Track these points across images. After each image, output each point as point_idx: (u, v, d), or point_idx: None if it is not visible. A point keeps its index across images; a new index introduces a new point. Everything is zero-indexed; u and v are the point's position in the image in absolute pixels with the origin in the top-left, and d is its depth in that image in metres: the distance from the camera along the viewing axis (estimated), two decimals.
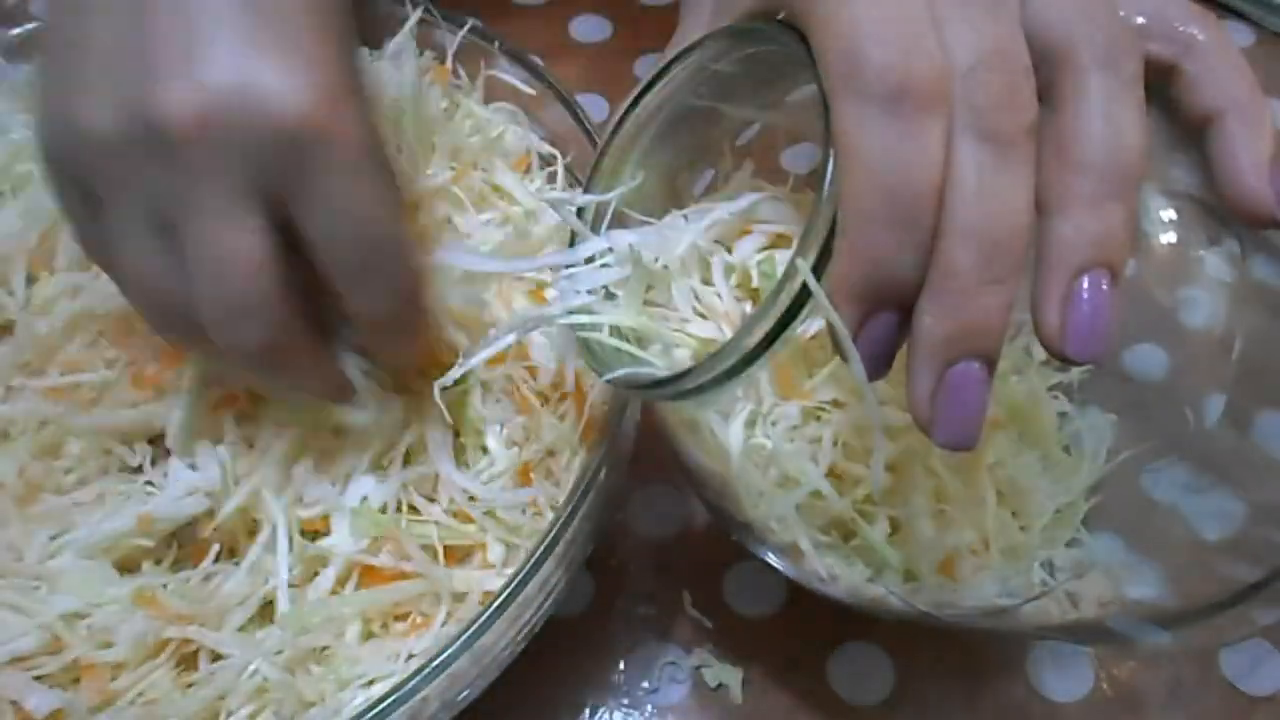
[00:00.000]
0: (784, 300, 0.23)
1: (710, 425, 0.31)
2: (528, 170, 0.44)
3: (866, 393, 0.24)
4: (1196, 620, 0.28)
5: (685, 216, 0.30)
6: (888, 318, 0.22)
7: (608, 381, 0.28)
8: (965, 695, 0.39)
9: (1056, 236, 0.22)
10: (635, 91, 0.29)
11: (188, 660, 0.34)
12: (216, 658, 0.33)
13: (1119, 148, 0.22)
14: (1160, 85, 0.27)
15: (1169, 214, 0.30)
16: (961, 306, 0.21)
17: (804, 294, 0.22)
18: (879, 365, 0.23)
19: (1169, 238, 0.30)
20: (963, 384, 0.22)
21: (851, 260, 0.22)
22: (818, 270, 0.22)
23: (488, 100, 0.45)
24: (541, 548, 0.30)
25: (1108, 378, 0.33)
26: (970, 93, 0.21)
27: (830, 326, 0.23)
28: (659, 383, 0.26)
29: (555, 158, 0.43)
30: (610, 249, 0.29)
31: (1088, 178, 0.22)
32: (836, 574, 0.31)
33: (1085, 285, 0.22)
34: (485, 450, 0.37)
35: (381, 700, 0.27)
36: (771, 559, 0.33)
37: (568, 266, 0.30)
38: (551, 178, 0.44)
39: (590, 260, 0.30)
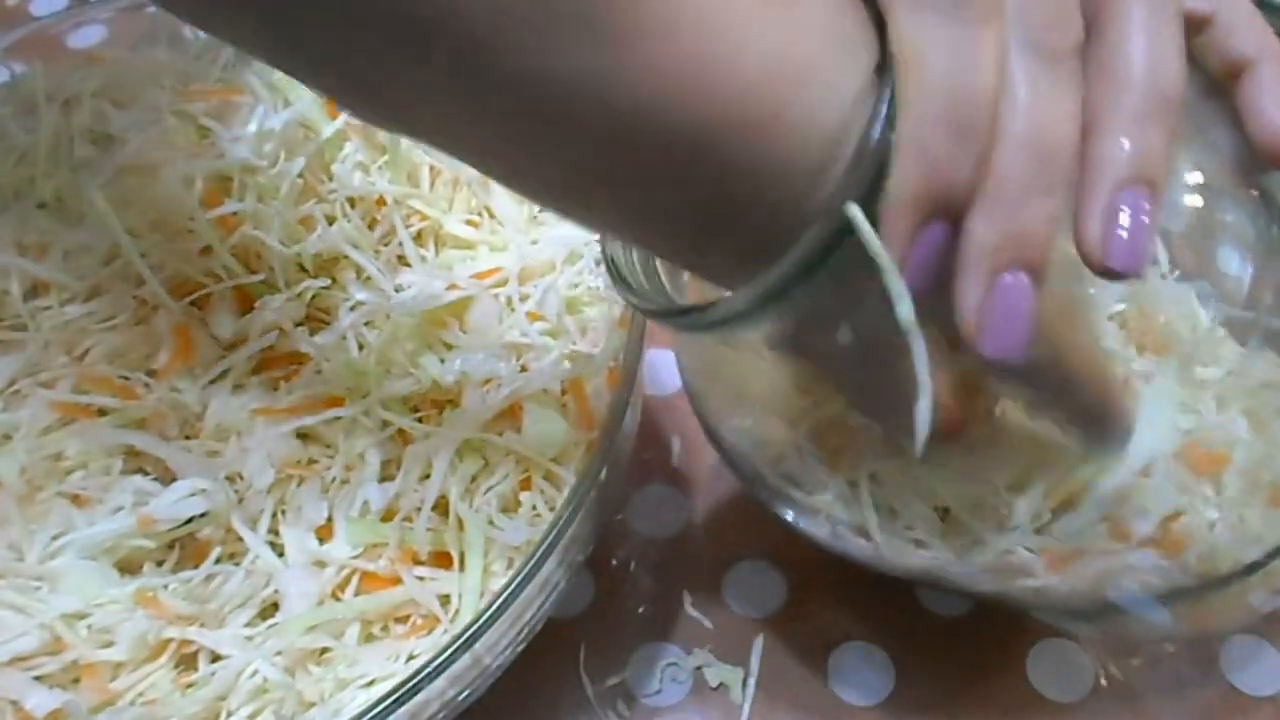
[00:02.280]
0: (820, 232, 0.22)
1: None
2: None
3: (901, 304, 0.23)
4: (1194, 595, 0.28)
5: None
6: (941, 226, 0.23)
7: (639, 309, 0.28)
8: (965, 695, 0.39)
9: (1099, 153, 0.23)
10: None
11: (188, 660, 0.34)
12: (216, 658, 0.33)
13: (1160, 72, 0.23)
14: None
15: (1195, 176, 0.30)
16: (1012, 215, 0.22)
17: (845, 227, 0.22)
18: (929, 277, 0.23)
19: (1194, 200, 0.31)
20: (1011, 293, 0.22)
21: (911, 167, 0.22)
22: (872, 198, 0.22)
23: None
24: (542, 548, 0.30)
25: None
26: (1022, 9, 0.22)
27: (869, 246, 0.22)
28: (686, 311, 0.26)
29: None
30: None
31: (1130, 96, 0.22)
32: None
33: (1127, 197, 0.22)
34: (487, 462, 0.37)
35: (381, 700, 0.27)
36: (791, 516, 0.34)
37: None
38: None
39: None
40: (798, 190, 0.23)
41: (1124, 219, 0.22)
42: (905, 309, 0.23)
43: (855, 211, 0.22)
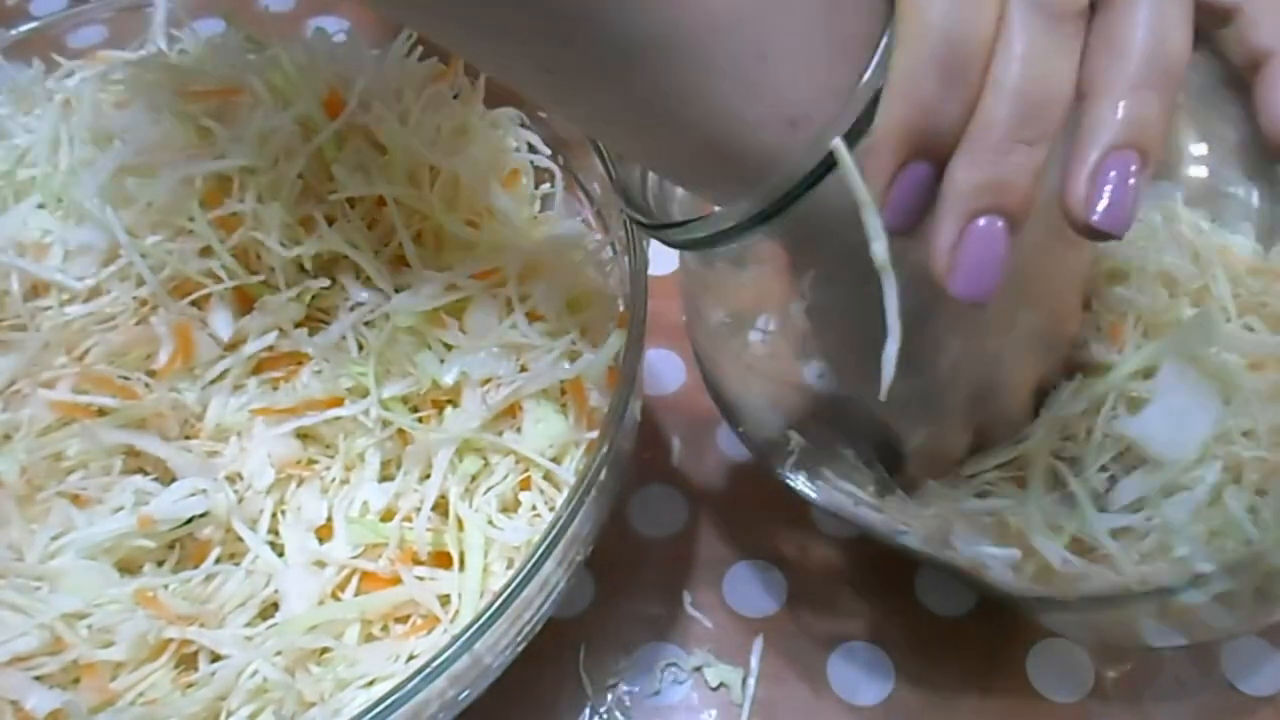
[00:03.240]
0: (807, 160, 0.23)
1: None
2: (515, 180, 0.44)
3: (876, 242, 0.23)
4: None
5: None
6: (924, 167, 0.23)
7: (637, 223, 0.29)
8: (965, 695, 0.39)
9: (1093, 115, 0.23)
10: None
11: (188, 660, 0.34)
12: (216, 658, 0.33)
13: (1164, 43, 0.23)
14: (1208, 35, 0.27)
15: (1200, 148, 0.30)
16: (993, 160, 0.22)
17: (831, 161, 0.23)
18: (908, 216, 0.24)
19: (1200, 171, 0.31)
20: (985, 236, 0.23)
21: (899, 103, 0.23)
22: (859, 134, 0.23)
23: (488, 100, 0.45)
24: (541, 548, 0.30)
25: None
26: None
27: (849, 180, 0.23)
28: (679, 224, 0.27)
29: (553, 173, 0.43)
30: None
31: (1130, 63, 0.23)
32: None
33: (1116, 159, 0.23)
34: (487, 462, 0.37)
35: (381, 700, 0.27)
36: (801, 485, 0.34)
37: None
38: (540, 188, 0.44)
39: None
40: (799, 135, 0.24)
41: (1111, 180, 0.23)
42: (880, 248, 0.24)
43: (839, 144, 0.23)
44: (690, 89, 0.24)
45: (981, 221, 0.23)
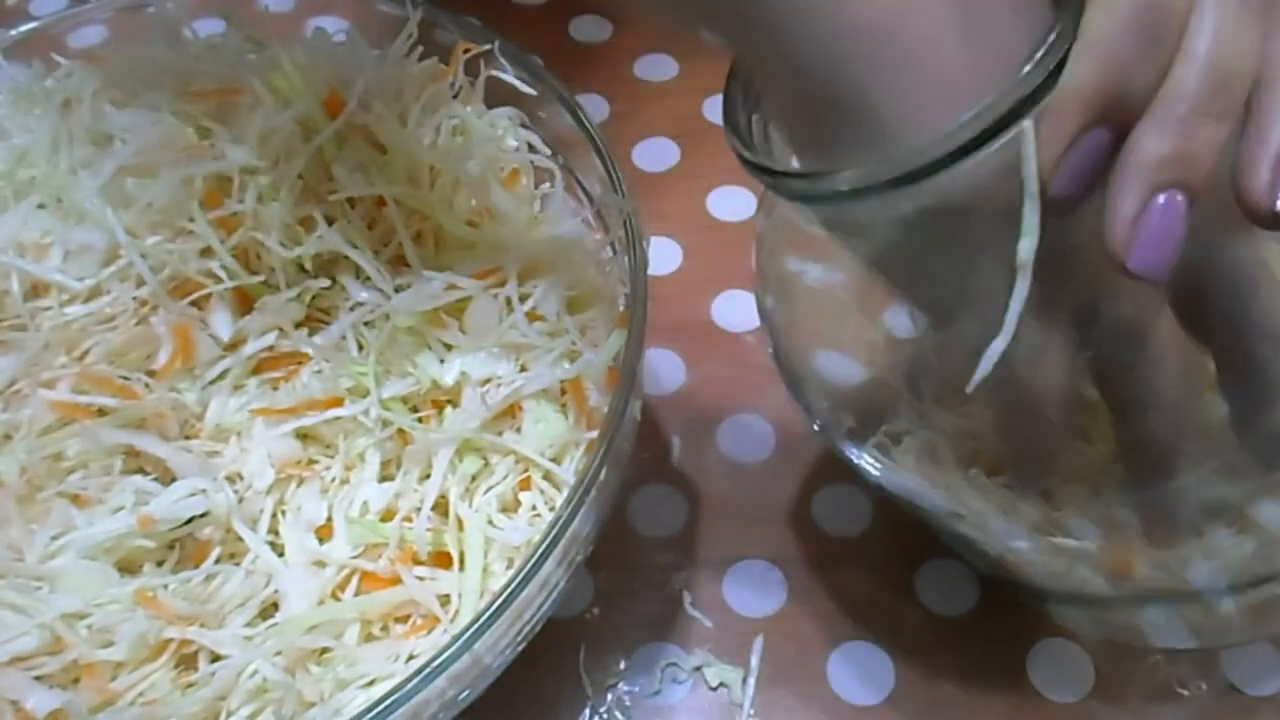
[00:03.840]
0: (985, 118, 0.23)
1: None
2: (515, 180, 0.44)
3: (1026, 238, 0.23)
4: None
5: None
6: (1105, 133, 0.23)
7: (750, 163, 0.28)
8: (965, 695, 0.39)
9: (1272, 102, 0.22)
10: None
11: (188, 660, 0.34)
12: (216, 658, 0.33)
13: None
14: None
15: None
16: (1181, 131, 0.22)
17: (1010, 116, 0.23)
18: (1083, 183, 0.23)
19: None
20: (1167, 211, 0.22)
21: (1094, 62, 0.22)
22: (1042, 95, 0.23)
23: (488, 100, 0.45)
24: (541, 548, 0.30)
25: None
26: None
27: (1024, 152, 0.23)
28: (809, 175, 0.26)
29: (553, 173, 0.43)
30: None
31: None
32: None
33: None
34: (487, 462, 0.37)
35: (381, 700, 0.27)
36: (865, 462, 0.33)
37: None
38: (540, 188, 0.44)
39: None
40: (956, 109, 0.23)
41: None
42: (1028, 245, 0.23)
43: (1028, 126, 0.22)
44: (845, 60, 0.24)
45: (1163, 196, 0.22)
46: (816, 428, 0.35)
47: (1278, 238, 0.25)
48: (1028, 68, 0.23)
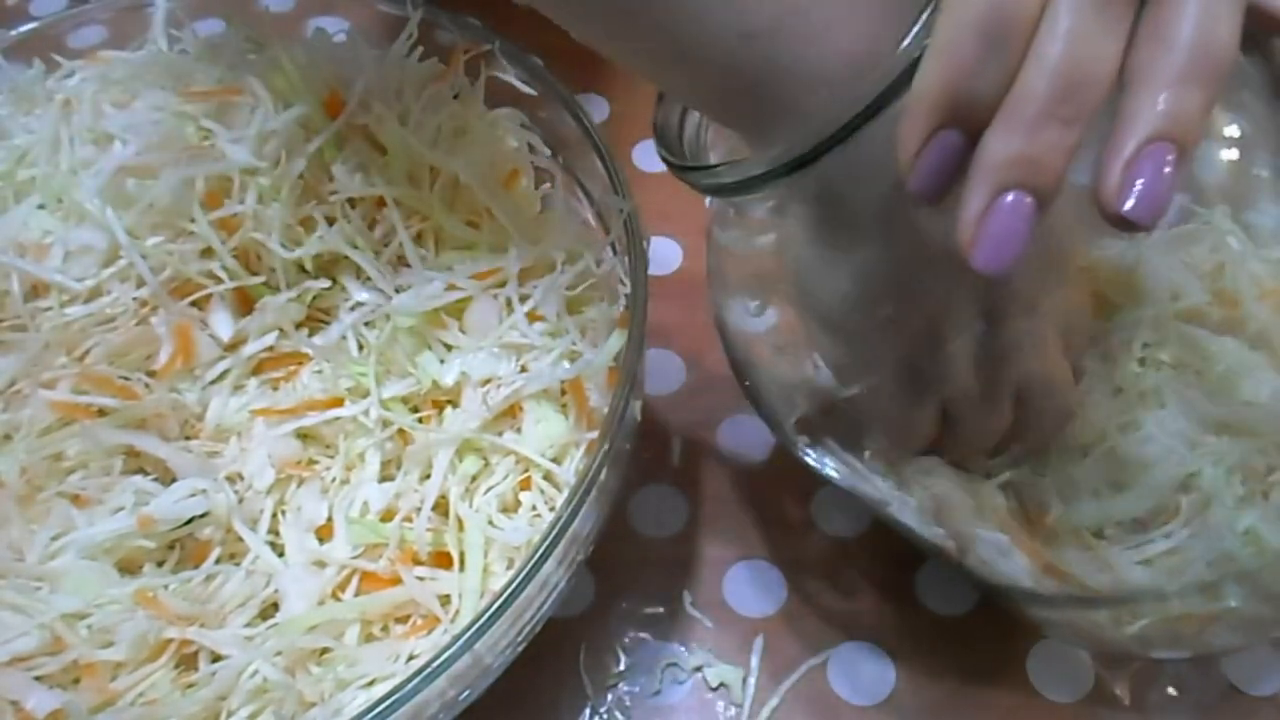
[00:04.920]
0: (847, 110, 0.24)
1: None
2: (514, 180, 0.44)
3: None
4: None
5: None
6: (956, 134, 0.23)
7: (671, 164, 0.31)
8: (965, 695, 0.39)
9: (1133, 105, 0.23)
10: None
11: (188, 660, 0.34)
12: (216, 658, 0.33)
13: (1212, 38, 0.23)
14: (1262, 40, 0.27)
15: (1233, 129, 0.31)
16: (1028, 135, 0.22)
17: (879, 101, 0.24)
18: (936, 182, 0.24)
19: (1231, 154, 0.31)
20: (1012, 211, 0.23)
21: (938, 63, 0.23)
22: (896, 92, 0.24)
23: (488, 100, 0.45)
24: (542, 548, 0.30)
25: None
26: None
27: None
28: (701, 168, 0.29)
29: (553, 173, 0.43)
30: None
31: (1175, 56, 0.23)
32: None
33: (1152, 151, 0.23)
34: (487, 463, 0.37)
35: (381, 700, 0.27)
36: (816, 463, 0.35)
37: None
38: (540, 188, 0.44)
39: None
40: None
41: (1145, 171, 0.22)
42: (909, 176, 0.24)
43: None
44: (726, 26, 0.25)
45: (1010, 196, 0.23)
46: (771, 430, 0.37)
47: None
48: (904, 44, 0.24)
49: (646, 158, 0.57)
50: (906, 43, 0.24)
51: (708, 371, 0.48)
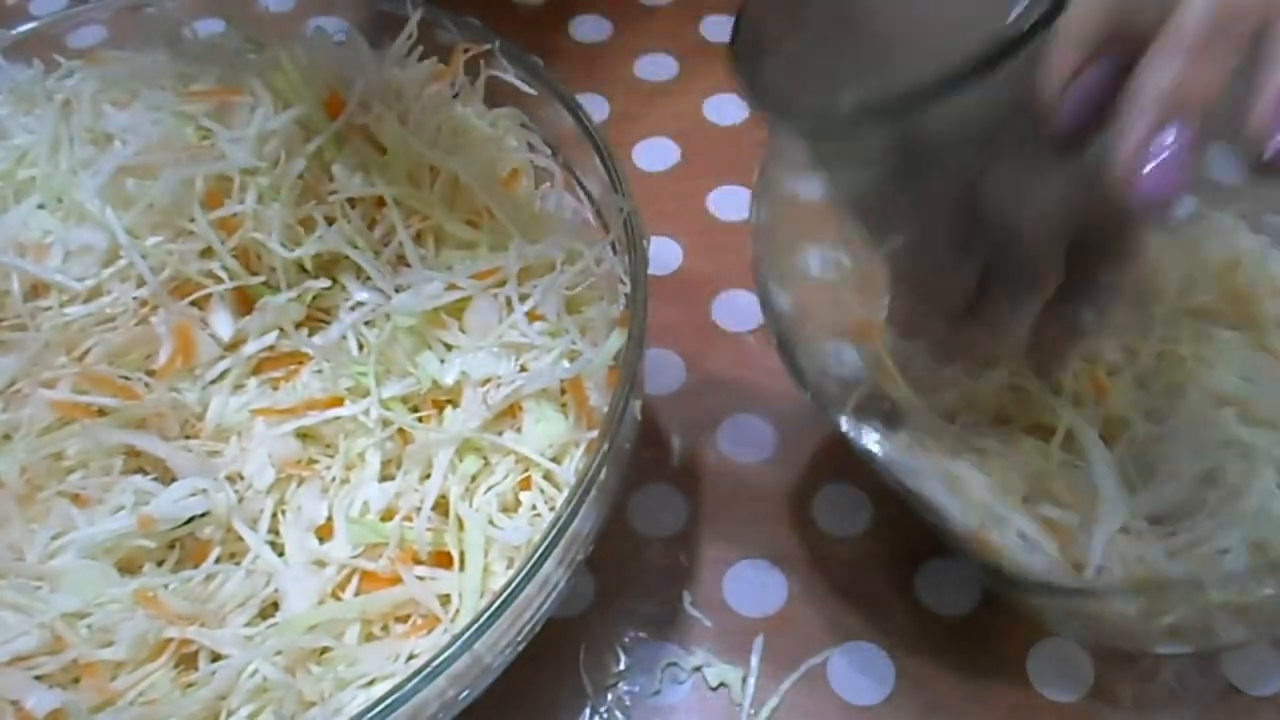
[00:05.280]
0: (986, 47, 0.22)
1: None
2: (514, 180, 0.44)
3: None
4: None
5: None
6: (1112, 60, 0.23)
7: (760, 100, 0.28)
8: (965, 695, 0.39)
9: (1270, 51, 0.22)
10: None
11: (188, 660, 0.34)
12: (216, 658, 0.33)
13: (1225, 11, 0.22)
14: None
15: None
16: (1189, 66, 0.22)
17: (1009, 45, 0.22)
18: (1089, 113, 0.23)
19: None
20: (1176, 140, 0.22)
21: None
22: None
23: (488, 100, 0.45)
24: (541, 548, 0.30)
25: None
26: None
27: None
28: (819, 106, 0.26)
29: (553, 173, 0.43)
30: None
31: (1189, 25, 0.22)
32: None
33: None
34: (487, 462, 0.37)
35: (381, 700, 0.27)
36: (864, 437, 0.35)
37: None
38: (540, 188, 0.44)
39: None
40: None
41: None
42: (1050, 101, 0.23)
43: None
44: None
45: (1171, 128, 0.22)
46: (807, 397, 0.36)
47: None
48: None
49: (646, 158, 0.57)
50: None
51: (708, 371, 0.48)
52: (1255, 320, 0.35)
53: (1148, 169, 0.22)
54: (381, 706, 0.27)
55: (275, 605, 0.35)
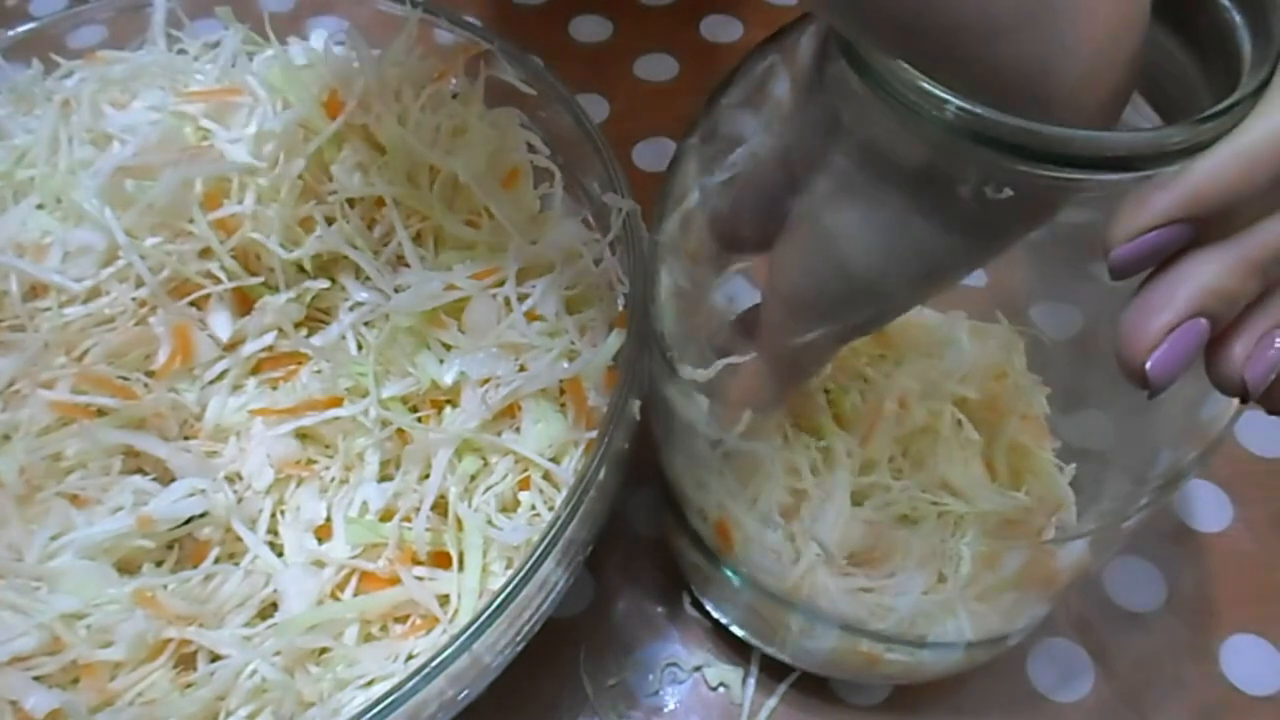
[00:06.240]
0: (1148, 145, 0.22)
1: None
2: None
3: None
4: None
5: None
6: (1187, 231, 0.23)
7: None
8: (965, 695, 0.39)
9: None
10: None
11: (187, 660, 0.34)
12: (216, 658, 0.33)
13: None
14: None
15: None
16: (1246, 274, 0.22)
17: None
18: (1142, 264, 0.23)
19: None
20: (1195, 335, 0.23)
21: (1230, 166, 0.22)
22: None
23: (488, 100, 0.45)
24: (541, 548, 0.30)
25: None
26: None
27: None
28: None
29: (553, 173, 0.43)
30: None
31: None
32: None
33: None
34: (486, 462, 0.37)
35: (381, 700, 0.27)
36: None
37: None
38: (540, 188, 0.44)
39: None
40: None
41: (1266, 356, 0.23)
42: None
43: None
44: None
45: (1200, 321, 0.23)
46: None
47: None
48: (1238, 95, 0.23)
49: (646, 158, 0.57)
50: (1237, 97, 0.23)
51: None
52: (996, 432, 0.35)
53: (1160, 353, 0.23)
54: (381, 707, 0.27)
55: (274, 605, 0.35)
